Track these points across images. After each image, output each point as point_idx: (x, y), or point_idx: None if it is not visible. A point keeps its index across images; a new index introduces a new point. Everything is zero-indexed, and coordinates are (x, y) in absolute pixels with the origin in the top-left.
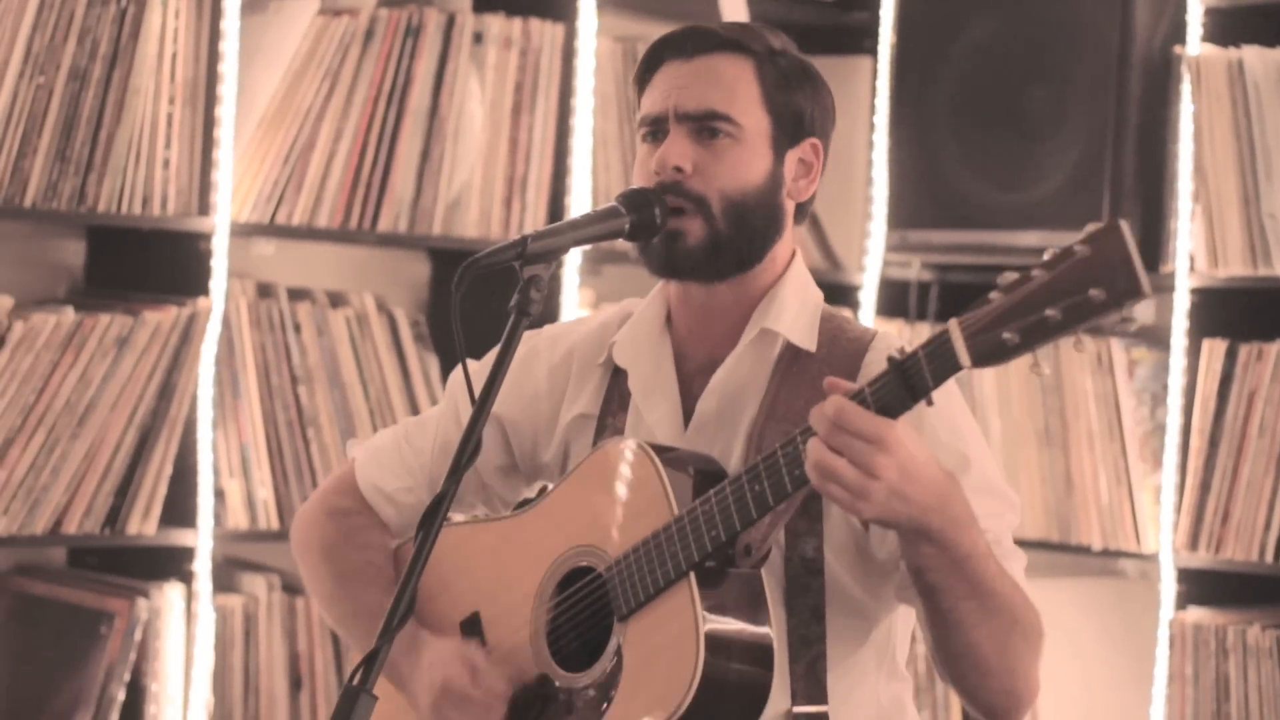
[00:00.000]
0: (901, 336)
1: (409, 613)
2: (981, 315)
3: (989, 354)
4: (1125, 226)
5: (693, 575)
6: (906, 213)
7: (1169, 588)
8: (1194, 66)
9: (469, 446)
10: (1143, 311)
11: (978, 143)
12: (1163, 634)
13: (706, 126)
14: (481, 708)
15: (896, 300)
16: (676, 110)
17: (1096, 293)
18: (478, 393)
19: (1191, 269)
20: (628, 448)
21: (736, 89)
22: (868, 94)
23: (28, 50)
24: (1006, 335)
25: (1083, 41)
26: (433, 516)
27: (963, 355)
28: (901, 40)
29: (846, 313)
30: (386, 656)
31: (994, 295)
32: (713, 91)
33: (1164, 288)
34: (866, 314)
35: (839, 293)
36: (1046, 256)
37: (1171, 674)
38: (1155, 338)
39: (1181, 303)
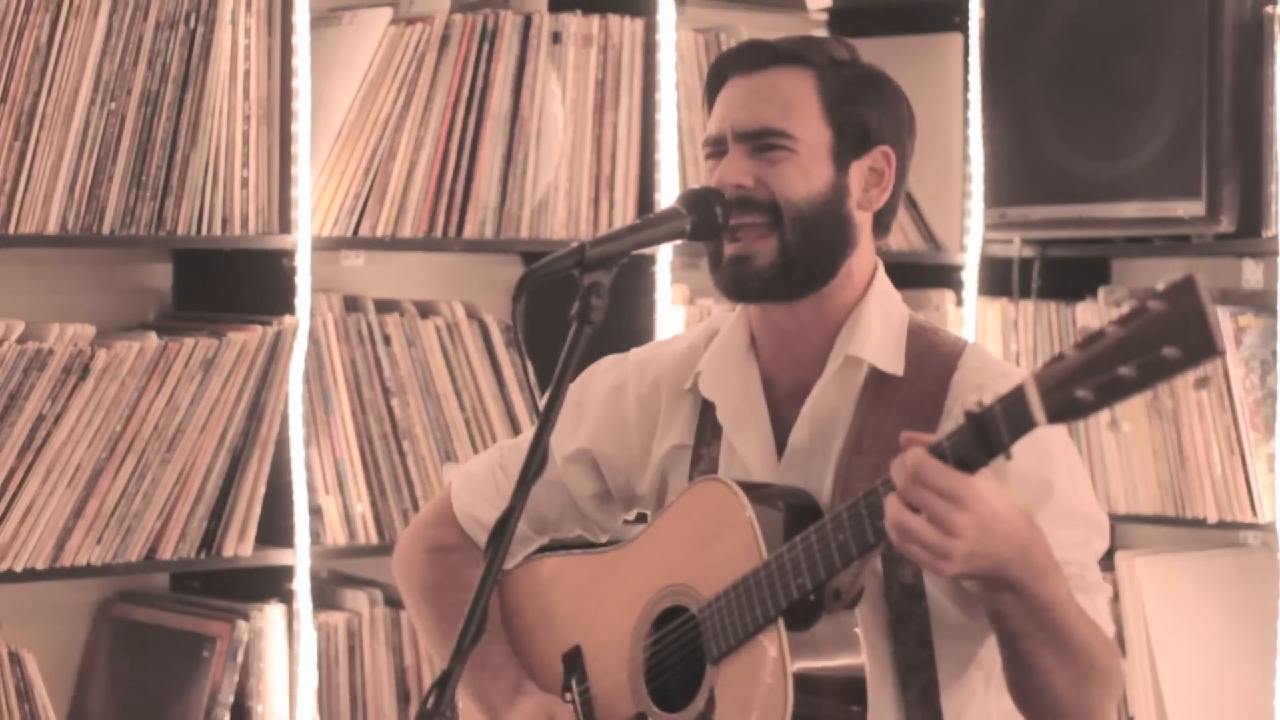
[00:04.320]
0: (1006, 316)
1: (479, 633)
2: (1056, 373)
3: (1064, 412)
4: (1200, 281)
5: (781, 621)
6: (1004, 189)
7: None
8: None
9: (534, 460)
10: (1249, 276)
11: (1072, 115)
12: None
13: (763, 143)
14: None
15: (999, 279)
16: (734, 129)
17: (1170, 351)
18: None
19: None
20: (719, 487)
21: (794, 103)
22: (959, 71)
23: (97, 77)
24: (1081, 394)
25: (1172, 6)
26: (500, 533)
27: (1038, 413)
28: (991, 15)
29: (949, 296)
30: (459, 678)
31: (1069, 351)
32: (769, 108)
33: (1267, 252)
34: (969, 294)
35: (940, 274)
36: (1123, 311)
37: None
38: (1261, 303)
39: None
